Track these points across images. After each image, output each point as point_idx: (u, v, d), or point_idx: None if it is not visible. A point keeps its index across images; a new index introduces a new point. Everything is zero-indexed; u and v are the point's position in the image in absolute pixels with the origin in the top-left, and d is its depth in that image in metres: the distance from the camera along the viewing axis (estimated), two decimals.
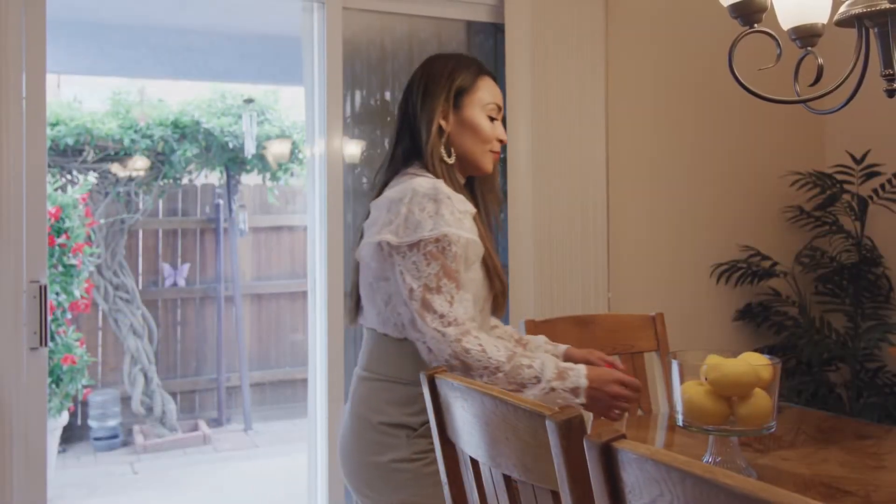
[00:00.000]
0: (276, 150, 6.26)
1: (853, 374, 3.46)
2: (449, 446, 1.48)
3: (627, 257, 3.43)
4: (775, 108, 1.82)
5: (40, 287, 2.56)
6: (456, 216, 1.73)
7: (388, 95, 3.25)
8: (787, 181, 3.68)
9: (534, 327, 2.34)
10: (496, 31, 3.34)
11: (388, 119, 3.22)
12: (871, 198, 3.45)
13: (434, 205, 1.72)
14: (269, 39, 5.45)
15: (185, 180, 6.49)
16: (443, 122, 1.88)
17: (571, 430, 1.12)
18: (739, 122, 3.64)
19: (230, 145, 6.24)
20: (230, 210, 6.63)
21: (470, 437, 1.37)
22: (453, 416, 1.43)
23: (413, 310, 1.71)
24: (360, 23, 3.13)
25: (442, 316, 1.67)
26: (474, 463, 1.40)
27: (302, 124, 6.52)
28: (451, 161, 1.87)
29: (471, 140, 1.89)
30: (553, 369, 1.69)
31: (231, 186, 6.60)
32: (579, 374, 1.70)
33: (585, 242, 3.25)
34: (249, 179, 6.86)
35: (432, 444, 1.64)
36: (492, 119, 1.91)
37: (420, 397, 1.64)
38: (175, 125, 6.13)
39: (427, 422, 1.70)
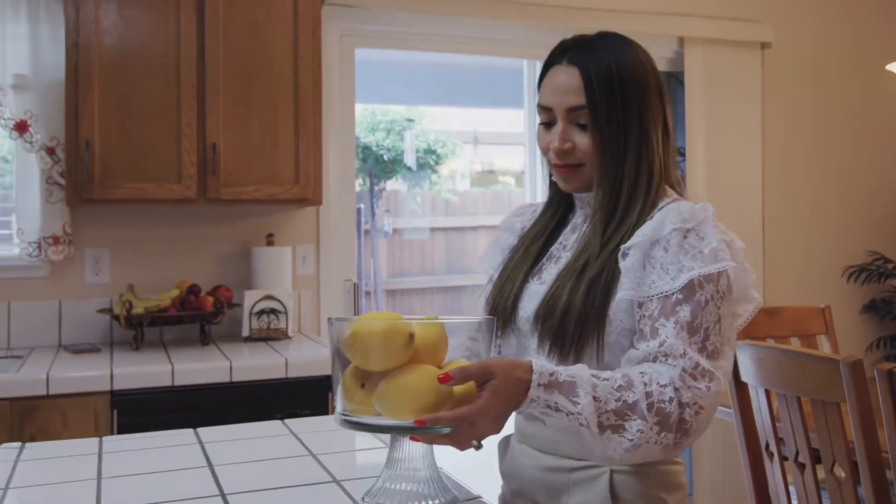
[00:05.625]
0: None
1: None
2: (742, 387, 2.27)
3: (779, 259, 4.19)
4: None
5: (353, 284, 3.40)
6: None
7: None
8: None
9: None
10: (669, 76, 4.12)
11: None
12: None
13: None
14: (431, 66, 6.29)
15: None
16: None
17: (856, 368, 1.90)
18: (870, 151, 4.37)
19: (384, 157, 7.09)
20: (372, 213, 7.46)
21: (766, 376, 2.14)
22: (746, 364, 2.21)
23: None
24: None
25: None
26: (767, 393, 2.19)
27: (444, 139, 7.36)
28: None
29: None
30: None
31: (374, 193, 7.44)
32: None
33: (746, 247, 3.99)
34: (390, 185, 7.70)
35: None
36: (547, 125, 1.48)
37: None
38: None
39: None
